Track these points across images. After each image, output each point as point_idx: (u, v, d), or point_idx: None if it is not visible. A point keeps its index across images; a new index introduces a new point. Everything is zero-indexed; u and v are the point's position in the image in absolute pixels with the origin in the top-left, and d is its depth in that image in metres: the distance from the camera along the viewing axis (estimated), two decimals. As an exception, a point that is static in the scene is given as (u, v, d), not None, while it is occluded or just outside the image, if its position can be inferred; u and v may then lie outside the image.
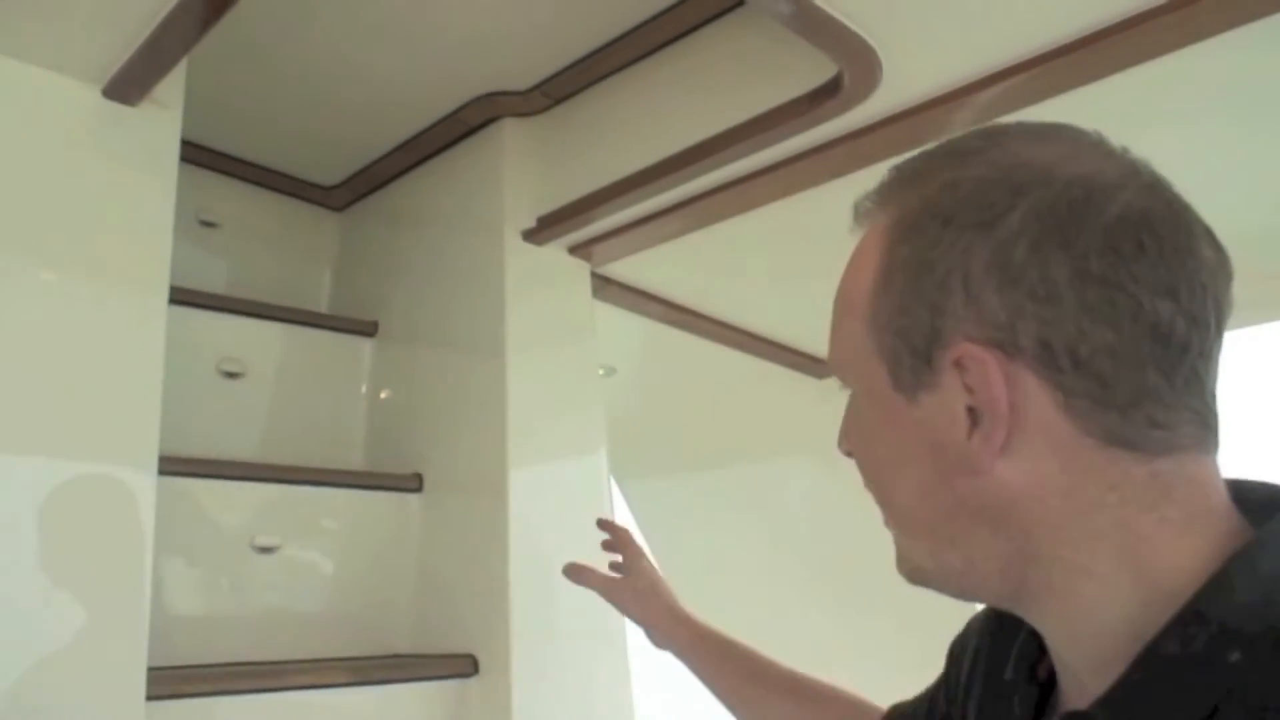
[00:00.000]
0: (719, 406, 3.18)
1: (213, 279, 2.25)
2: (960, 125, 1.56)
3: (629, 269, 2.20)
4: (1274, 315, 2.35)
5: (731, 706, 1.39)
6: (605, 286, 2.22)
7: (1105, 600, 0.69)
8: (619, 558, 1.56)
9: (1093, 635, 0.70)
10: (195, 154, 2.15)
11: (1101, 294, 0.66)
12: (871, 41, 1.40)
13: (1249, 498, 0.71)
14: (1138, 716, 0.66)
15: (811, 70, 1.53)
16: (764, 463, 3.25)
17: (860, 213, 0.79)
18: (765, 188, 1.76)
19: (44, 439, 1.39)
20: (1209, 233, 0.70)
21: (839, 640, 2.69)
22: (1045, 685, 0.81)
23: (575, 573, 1.55)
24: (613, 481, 3.17)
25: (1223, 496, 0.71)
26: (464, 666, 1.82)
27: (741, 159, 1.70)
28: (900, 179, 0.77)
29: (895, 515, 0.79)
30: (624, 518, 3.46)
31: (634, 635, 1.91)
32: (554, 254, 2.07)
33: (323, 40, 1.88)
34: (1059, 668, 0.78)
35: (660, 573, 1.53)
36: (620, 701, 1.93)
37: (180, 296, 1.81)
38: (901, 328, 0.73)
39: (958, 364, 0.70)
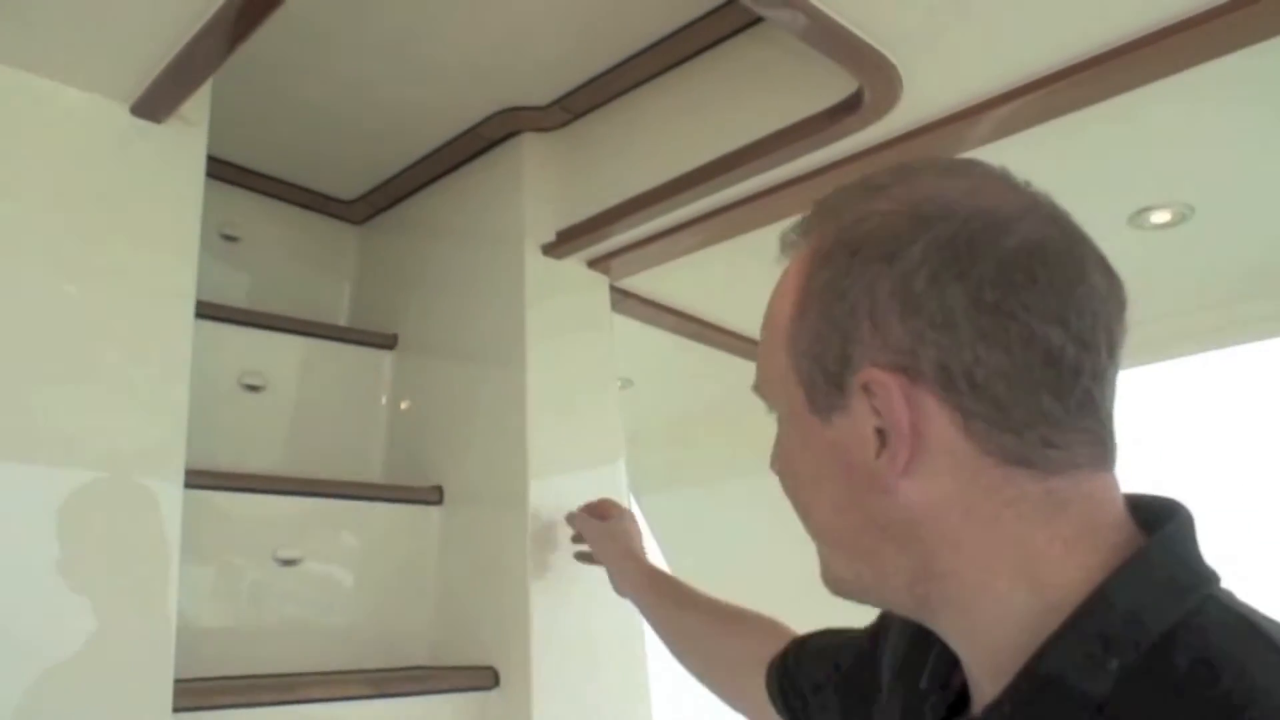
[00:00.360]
0: (734, 418, 3.18)
1: (234, 292, 2.26)
2: (977, 140, 1.57)
3: (646, 282, 2.21)
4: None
5: (667, 635, 1.58)
6: (623, 299, 2.23)
7: (1002, 614, 0.72)
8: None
9: (992, 648, 0.73)
10: (217, 168, 2.16)
11: (995, 321, 0.70)
12: (892, 58, 1.41)
13: (1145, 512, 0.74)
14: None
15: (830, 85, 1.54)
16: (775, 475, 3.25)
17: (786, 244, 0.83)
18: (784, 202, 1.76)
19: (73, 452, 1.40)
20: (1102, 261, 0.74)
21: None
22: (960, 695, 0.83)
23: (569, 517, 1.84)
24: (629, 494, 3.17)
25: (1119, 511, 0.73)
26: (484, 679, 1.83)
27: (761, 174, 1.71)
28: (820, 212, 0.81)
29: (814, 529, 0.83)
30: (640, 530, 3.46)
31: (654, 648, 1.92)
32: (573, 267, 2.08)
33: (344, 56, 1.90)
34: (969, 678, 0.80)
35: (639, 529, 1.80)
36: (639, 714, 1.93)
37: (203, 310, 1.82)
38: (816, 353, 0.77)
39: (865, 388, 0.74)
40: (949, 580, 0.74)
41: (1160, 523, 0.72)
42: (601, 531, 1.77)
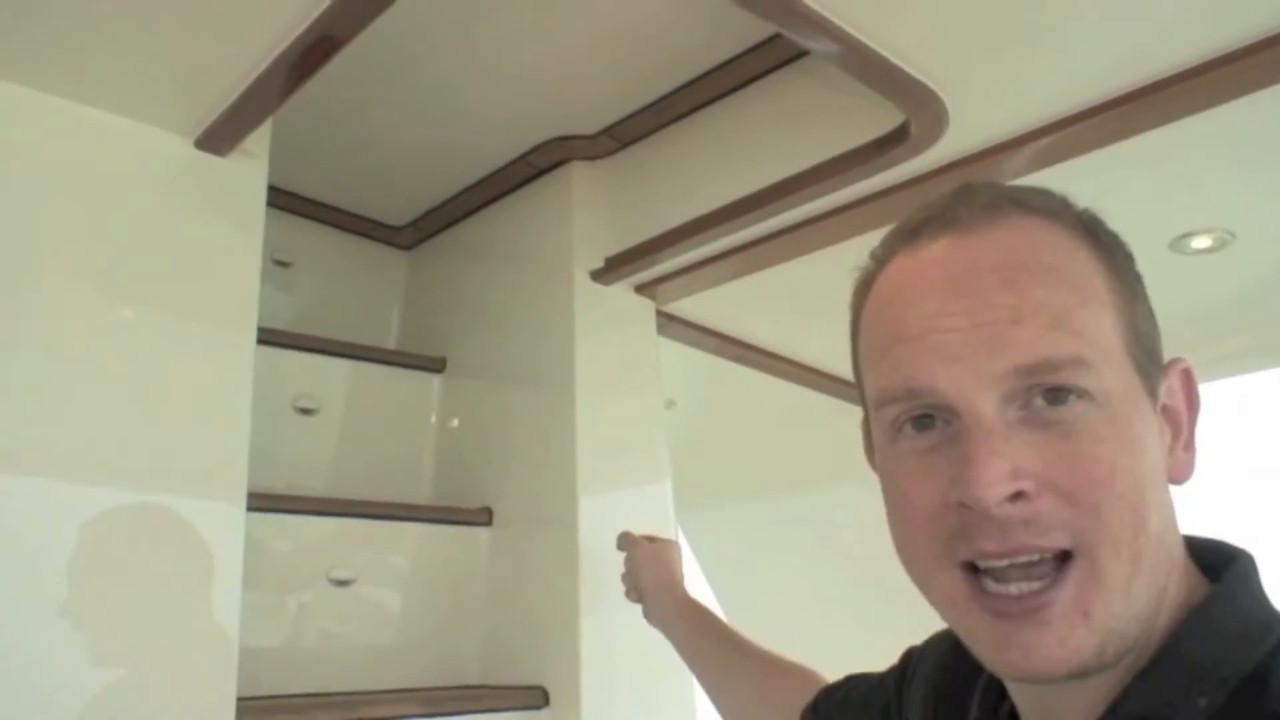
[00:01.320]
0: (773, 436, 3.20)
1: (286, 316, 2.31)
2: (1014, 172, 1.59)
3: (691, 305, 2.24)
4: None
5: (702, 670, 1.52)
6: (668, 323, 2.26)
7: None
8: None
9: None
10: (270, 195, 2.21)
11: None
12: (938, 90, 1.43)
13: (1202, 554, 0.75)
14: None
15: (875, 116, 1.57)
16: (816, 490, 3.27)
17: (980, 204, 0.75)
18: (828, 231, 1.79)
19: (140, 477, 1.44)
20: None
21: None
22: None
23: (622, 537, 1.78)
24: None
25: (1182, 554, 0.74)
26: (534, 698, 1.86)
27: (806, 204, 1.74)
28: (1018, 195, 0.76)
29: (1142, 544, 0.68)
30: (682, 547, 3.48)
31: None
32: (621, 293, 2.11)
33: (400, 90, 1.94)
34: (1022, 711, 0.79)
35: (681, 558, 1.75)
36: (687, 733, 1.95)
37: (260, 335, 1.87)
38: (1144, 332, 0.74)
39: (1185, 373, 0.76)
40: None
41: (1223, 566, 0.72)
42: (646, 556, 1.72)
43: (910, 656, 1.06)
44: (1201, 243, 1.86)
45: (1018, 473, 0.66)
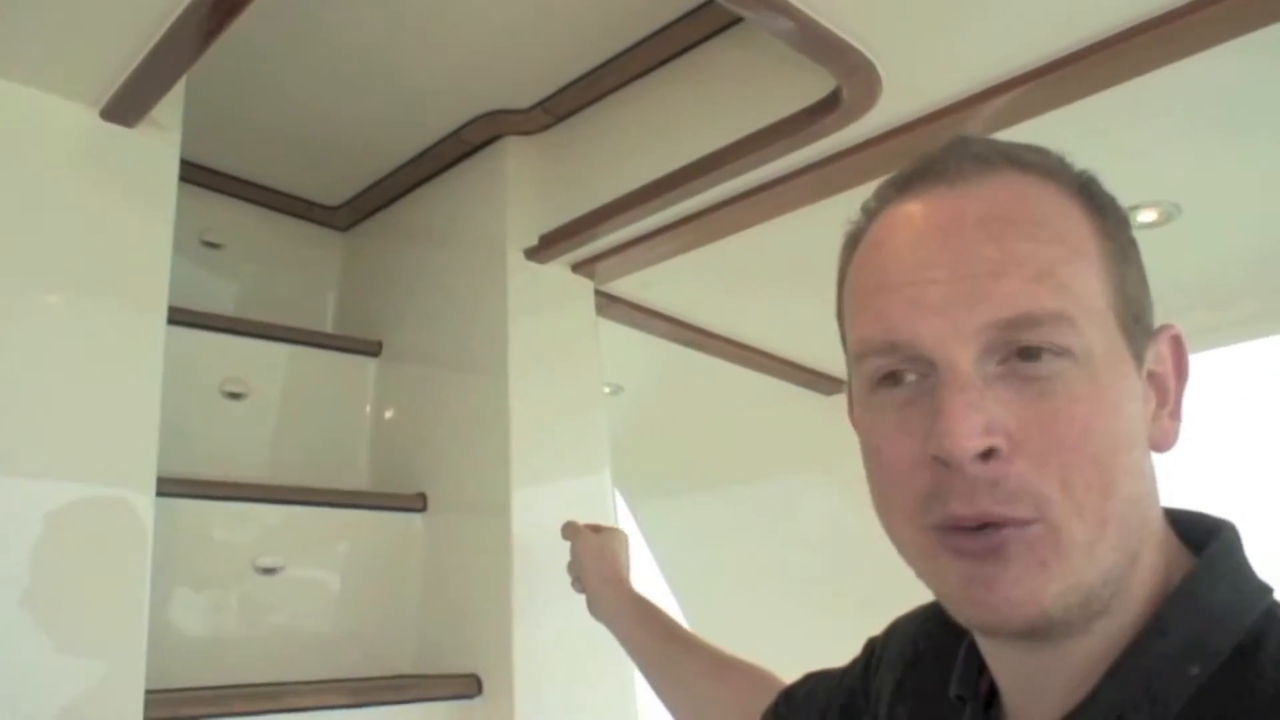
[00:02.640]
0: (728, 424, 3.17)
1: (216, 300, 2.25)
2: (956, 140, 1.55)
3: (635, 287, 2.19)
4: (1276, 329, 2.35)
5: (651, 670, 1.47)
6: (610, 304, 2.22)
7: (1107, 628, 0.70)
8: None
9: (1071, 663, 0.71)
10: (198, 175, 2.16)
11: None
12: (870, 56, 1.39)
13: (1185, 528, 0.74)
14: None
15: (811, 85, 1.52)
16: (773, 480, 3.24)
17: (971, 156, 0.74)
18: (766, 203, 1.75)
19: (41, 460, 1.38)
20: None
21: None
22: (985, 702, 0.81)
23: (565, 528, 1.73)
24: (622, 501, 3.17)
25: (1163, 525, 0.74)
26: (468, 687, 1.81)
27: (742, 175, 1.69)
28: (1012, 150, 0.76)
29: (1110, 509, 0.67)
30: (634, 538, 3.44)
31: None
32: (557, 271, 2.06)
33: (324, 60, 1.88)
34: (1004, 691, 0.78)
35: (629, 551, 1.71)
36: (625, 721, 1.91)
37: (182, 317, 1.81)
38: (1133, 296, 0.72)
39: (1175, 340, 0.75)
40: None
41: (1205, 538, 0.72)
42: (590, 548, 1.67)
43: (872, 647, 1.05)
44: (1147, 216, 1.83)
45: (991, 427, 0.65)
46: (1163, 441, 0.73)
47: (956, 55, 1.43)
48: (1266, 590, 0.69)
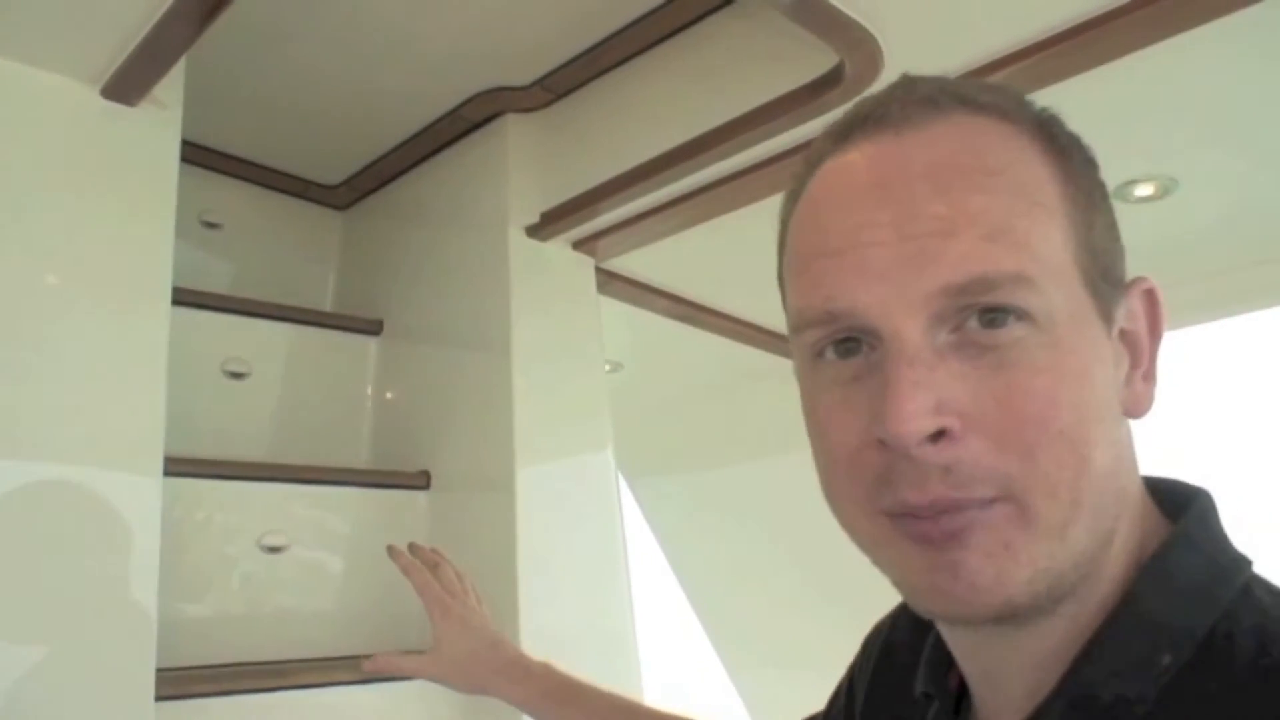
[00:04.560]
0: (729, 402, 3.17)
1: (216, 280, 2.24)
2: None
3: (635, 263, 2.19)
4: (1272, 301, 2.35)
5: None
6: (611, 281, 2.22)
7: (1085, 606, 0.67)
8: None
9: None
10: (197, 155, 2.15)
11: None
12: (872, 29, 1.39)
13: (1162, 495, 0.70)
14: None
15: (814, 60, 1.52)
16: (774, 457, 3.24)
17: (919, 98, 0.67)
18: (768, 180, 1.74)
19: (48, 443, 1.38)
20: None
21: (848, 636, 2.68)
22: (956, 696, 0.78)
23: (398, 556, 1.61)
24: (621, 479, 3.17)
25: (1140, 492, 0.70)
26: (473, 664, 1.81)
27: (744, 151, 1.69)
28: (964, 90, 0.68)
29: (1085, 484, 0.62)
30: (633, 515, 3.45)
31: (643, 638, 1.90)
32: (558, 249, 2.06)
33: (324, 38, 1.87)
34: (972, 680, 0.75)
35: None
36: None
37: (183, 298, 1.80)
38: (1101, 248, 0.66)
39: (1148, 294, 0.70)
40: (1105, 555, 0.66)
41: (1183, 507, 0.68)
42: (453, 624, 1.56)
43: (851, 671, 1.00)
44: (1144, 190, 1.83)
45: (941, 406, 0.60)
46: (1136, 407, 0.68)
47: (958, 29, 1.43)
48: (1245, 562, 0.65)
